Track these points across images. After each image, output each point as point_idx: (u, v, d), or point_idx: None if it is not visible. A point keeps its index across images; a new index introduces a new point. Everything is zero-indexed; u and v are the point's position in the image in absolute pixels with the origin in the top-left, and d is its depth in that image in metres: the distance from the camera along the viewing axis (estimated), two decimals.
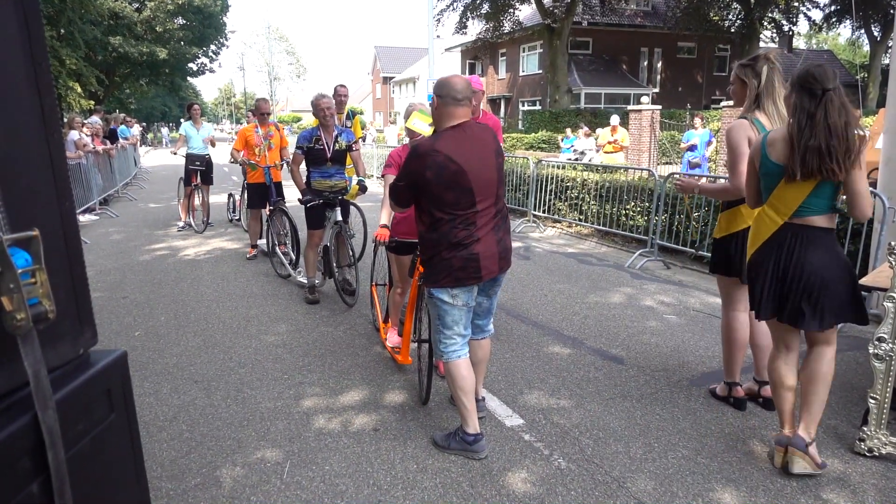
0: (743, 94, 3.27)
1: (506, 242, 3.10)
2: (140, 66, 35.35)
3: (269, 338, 4.79)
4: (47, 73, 1.08)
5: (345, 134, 5.63)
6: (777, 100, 3.16)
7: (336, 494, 2.79)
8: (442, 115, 2.95)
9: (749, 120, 3.17)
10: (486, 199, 2.95)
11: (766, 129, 3.10)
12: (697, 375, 4.09)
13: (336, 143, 5.53)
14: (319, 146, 5.48)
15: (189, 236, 9.06)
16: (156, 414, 3.55)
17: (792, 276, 2.79)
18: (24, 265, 0.94)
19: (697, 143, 12.44)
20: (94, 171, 11.30)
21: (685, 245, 7.15)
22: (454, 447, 3.12)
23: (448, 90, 2.91)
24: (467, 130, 2.93)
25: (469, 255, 2.92)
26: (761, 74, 3.16)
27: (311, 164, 5.57)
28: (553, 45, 26.83)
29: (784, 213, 2.78)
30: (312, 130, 5.55)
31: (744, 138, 3.11)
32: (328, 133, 5.50)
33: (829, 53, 42.70)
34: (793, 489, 2.81)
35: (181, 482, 2.88)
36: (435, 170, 2.82)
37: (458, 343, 3.11)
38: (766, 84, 3.16)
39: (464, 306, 3.04)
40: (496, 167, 3.00)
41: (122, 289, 6.16)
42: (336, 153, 5.55)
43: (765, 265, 2.86)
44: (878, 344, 2.99)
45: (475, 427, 3.08)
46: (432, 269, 3.00)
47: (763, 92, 3.17)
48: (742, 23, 28.91)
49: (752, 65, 3.19)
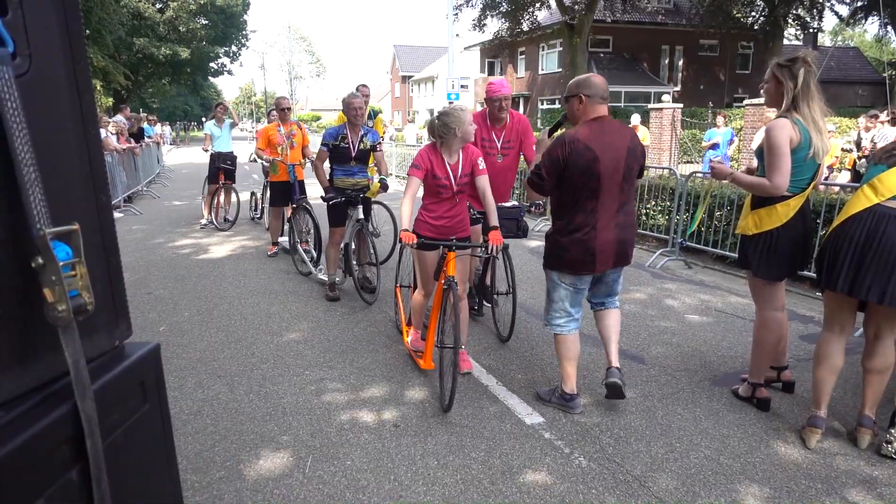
0: (777, 94, 3.24)
1: (626, 238, 3.36)
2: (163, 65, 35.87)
3: (290, 334, 4.84)
4: (86, 69, 1.10)
5: (371, 134, 5.64)
6: (811, 103, 3.14)
7: (358, 489, 2.82)
8: (587, 110, 3.31)
9: (790, 119, 3.14)
10: (610, 191, 3.24)
11: (807, 129, 3.10)
12: (720, 376, 4.05)
13: (361, 142, 5.55)
14: (345, 144, 5.50)
15: (211, 234, 9.16)
16: (180, 408, 3.60)
17: (874, 252, 2.85)
18: (65, 258, 0.97)
19: (720, 142, 12.29)
20: (118, 169, 11.47)
21: (707, 245, 7.08)
22: (554, 402, 3.61)
23: (595, 90, 3.31)
24: (605, 125, 3.29)
25: (586, 245, 3.27)
26: (798, 77, 3.13)
27: (335, 161, 5.60)
28: (573, 43, 26.65)
29: (883, 194, 2.87)
30: (339, 128, 5.57)
31: (787, 138, 3.10)
32: (354, 132, 5.52)
33: (856, 51, 41.91)
34: (817, 490, 2.78)
35: (206, 475, 2.93)
36: (574, 156, 3.17)
37: (564, 319, 3.50)
38: (802, 86, 3.13)
39: (570, 286, 3.45)
40: (625, 164, 3.25)
41: (147, 285, 6.26)
42: (360, 152, 5.57)
43: (847, 238, 2.92)
44: None
45: (572, 388, 3.53)
46: (550, 252, 3.44)
47: (799, 94, 3.14)
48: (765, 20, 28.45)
49: (790, 66, 3.16)
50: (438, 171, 3.77)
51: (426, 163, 3.76)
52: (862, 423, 3.13)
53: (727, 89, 33.82)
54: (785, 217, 3.22)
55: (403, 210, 3.66)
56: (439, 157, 3.78)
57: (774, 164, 3.13)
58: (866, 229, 2.87)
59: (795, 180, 3.16)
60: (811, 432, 3.13)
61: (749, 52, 33.84)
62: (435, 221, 3.89)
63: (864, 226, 2.88)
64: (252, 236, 8.98)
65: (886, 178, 2.85)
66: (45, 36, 1.01)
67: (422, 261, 4.00)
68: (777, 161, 3.12)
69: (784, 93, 3.18)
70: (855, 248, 2.88)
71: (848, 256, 2.90)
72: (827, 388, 3.11)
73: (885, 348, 3.04)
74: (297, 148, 7.36)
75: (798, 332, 4.80)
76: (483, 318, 5.21)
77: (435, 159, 3.78)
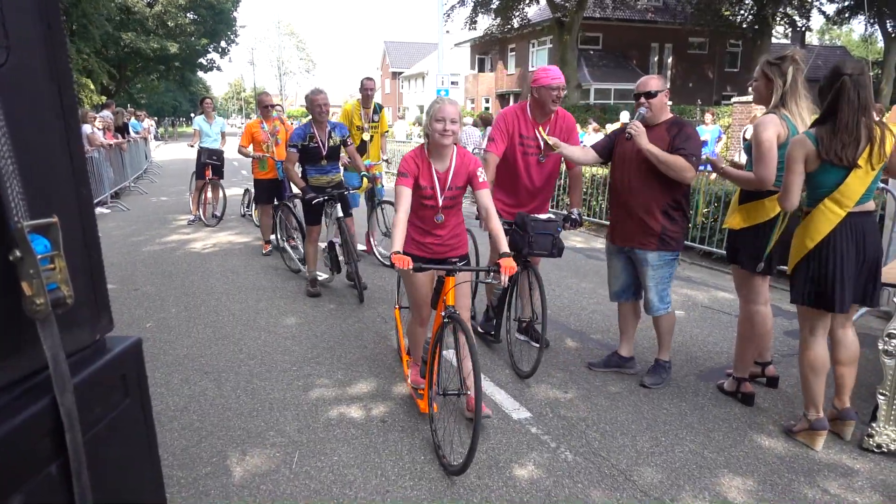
0: (766, 91, 3.30)
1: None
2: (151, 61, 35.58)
3: (278, 330, 4.83)
4: (66, 62, 1.10)
5: (338, 129, 5.56)
6: (799, 100, 3.21)
7: (344, 484, 2.82)
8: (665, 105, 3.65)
9: (779, 116, 3.19)
10: None
11: (795, 126, 3.16)
12: (705, 371, 4.09)
13: (330, 138, 5.46)
14: (314, 144, 5.39)
15: (199, 230, 9.12)
16: (167, 404, 3.59)
17: (862, 261, 2.92)
18: (44, 251, 0.97)
19: (708, 140, 12.37)
20: (105, 164, 11.38)
21: (694, 241, 7.13)
22: (612, 364, 4.04)
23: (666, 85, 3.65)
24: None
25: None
26: (787, 74, 3.19)
27: (307, 161, 5.52)
28: (563, 40, 26.69)
29: (847, 205, 2.88)
30: (305, 128, 5.45)
31: (774, 134, 3.15)
32: (322, 130, 5.43)
33: (843, 50, 42.27)
34: (800, 483, 2.82)
35: (192, 471, 2.92)
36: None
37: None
38: (790, 84, 3.20)
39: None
40: None
41: (133, 281, 6.22)
42: (331, 149, 5.50)
43: (836, 257, 2.91)
44: (887, 340, 3.00)
45: (629, 352, 4.04)
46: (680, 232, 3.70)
47: (787, 91, 3.20)
48: (754, 18, 28.62)
49: (780, 64, 3.22)
50: (423, 180, 3.21)
51: (413, 168, 3.19)
52: (845, 416, 3.18)
53: (716, 87, 34.02)
54: (772, 212, 3.29)
55: (395, 228, 3.02)
56: (426, 162, 3.22)
57: (760, 159, 3.18)
58: (854, 242, 2.90)
59: (782, 175, 3.20)
60: (819, 435, 3.12)
61: (738, 51, 34.04)
62: (422, 238, 3.34)
63: (851, 239, 2.90)
64: (240, 232, 8.94)
65: (846, 189, 2.85)
66: (23, 27, 1.00)
67: (411, 283, 3.38)
68: (763, 156, 3.16)
69: (773, 90, 3.24)
70: (846, 265, 2.91)
71: (841, 274, 2.91)
72: (822, 389, 3.13)
73: (850, 340, 3.15)
74: (282, 145, 7.28)
75: (783, 327, 4.85)
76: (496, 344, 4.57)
77: (422, 164, 3.22)
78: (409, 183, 3.16)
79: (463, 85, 41.44)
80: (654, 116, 3.62)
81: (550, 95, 3.94)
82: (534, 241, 3.71)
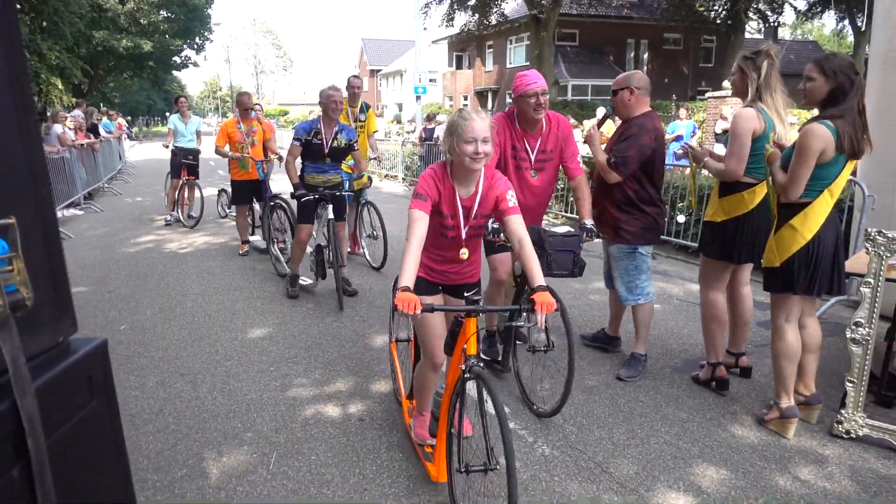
0: (742, 85, 3.37)
1: None
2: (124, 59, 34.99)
3: (255, 330, 4.79)
4: (22, 58, 1.08)
5: (345, 132, 5.37)
6: (774, 94, 3.29)
7: (322, 483, 2.81)
8: (638, 102, 3.68)
9: (756, 109, 3.26)
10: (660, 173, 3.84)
11: (772, 120, 3.24)
12: (680, 363, 4.15)
13: (335, 139, 5.29)
14: (318, 140, 5.24)
15: (175, 230, 9.01)
16: (142, 407, 3.54)
17: (836, 250, 3.04)
18: (2, 253, 0.95)
19: (683, 134, 12.50)
20: (77, 165, 11.18)
21: (669, 235, 7.21)
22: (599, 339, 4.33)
23: (642, 83, 3.69)
24: (655, 115, 3.77)
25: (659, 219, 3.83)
26: (761, 69, 3.27)
27: (307, 157, 5.36)
28: (540, 36, 26.78)
29: (836, 195, 3.00)
30: (312, 122, 5.31)
31: (750, 128, 3.23)
32: (329, 128, 5.26)
33: (814, 44, 42.99)
34: (771, 470, 2.87)
35: (167, 473, 2.89)
36: (657, 142, 3.67)
37: (650, 286, 3.91)
38: (765, 78, 3.27)
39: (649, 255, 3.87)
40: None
41: (107, 283, 6.13)
42: (334, 150, 5.33)
43: (825, 245, 3.00)
44: (855, 329, 3.06)
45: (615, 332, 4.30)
46: (645, 227, 3.74)
47: (762, 85, 3.28)
48: (727, 14, 28.99)
49: (754, 58, 3.29)
50: (445, 207, 2.66)
51: (433, 192, 2.62)
52: (812, 401, 3.30)
53: (691, 82, 34.41)
54: (751, 204, 3.40)
55: (405, 259, 2.42)
56: (449, 186, 2.65)
57: (732, 150, 3.29)
58: (836, 232, 3.04)
59: (761, 167, 3.27)
60: (790, 423, 3.18)
61: (712, 46, 34.46)
62: (437, 266, 2.84)
63: (832, 229, 3.03)
64: (217, 233, 8.85)
65: (840, 180, 2.96)
66: None
67: (419, 324, 2.79)
68: (736, 148, 3.27)
69: (748, 83, 3.31)
70: (828, 253, 3.01)
71: (827, 262, 3.01)
72: (794, 375, 3.22)
73: (816, 328, 3.27)
74: (259, 146, 7.21)
75: (755, 318, 4.92)
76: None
77: (444, 188, 2.65)
78: (427, 207, 2.57)
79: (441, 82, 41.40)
80: (621, 113, 3.74)
81: (529, 104, 3.53)
82: (553, 260, 3.25)
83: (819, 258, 3.00)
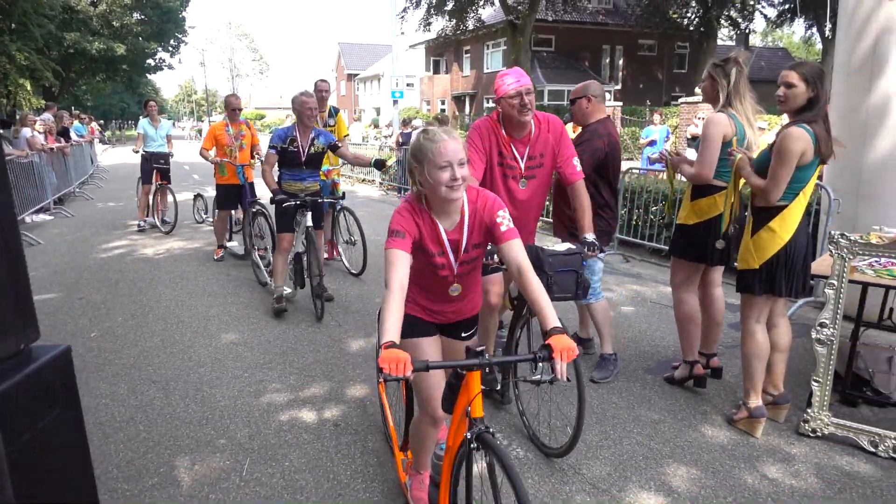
0: (713, 91, 3.45)
1: None
2: (96, 61, 34.43)
3: (229, 336, 4.75)
4: None
5: (322, 136, 5.23)
6: (743, 101, 3.38)
7: (296, 490, 2.80)
8: (594, 109, 3.84)
9: (727, 114, 3.35)
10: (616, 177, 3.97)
11: (742, 125, 3.33)
12: (653, 364, 4.20)
13: (312, 145, 5.16)
14: (294, 148, 5.10)
15: (149, 236, 8.89)
16: (112, 415, 3.49)
17: (808, 251, 3.14)
18: None
19: (657, 139, 12.68)
20: (47, 169, 10.98)
21: (643, 238, 7.31)
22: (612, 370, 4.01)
23: (598, 91, 3.87)
24: (610, 122, 3.90)
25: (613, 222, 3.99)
26: (730, 75, 3.35)
27: (284, 165, 5.23)
28: (516, 42, 26.98)
29: (808, 196, 3.09)
30: (288, 129, 5.16)
31: (720, 133, 3.32)
32: (305, 134, 5.12)
33: (784, 51, 43.88)
34: (740, 469, 2.93)
35: (138, 482, 2.85)
36: (611, 147, 3.77)
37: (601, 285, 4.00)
38: (734, 85, 3.35)
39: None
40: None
41: (78, 289, 6.02)
42: (311, 156, 5.20)
43: (798, 247, 3.09)
44: (820, 329, 3.14)
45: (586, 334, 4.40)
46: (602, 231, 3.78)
47: (732, 91, 3.36)
48: (700, 21, 29.51)
49: (724, 65, 3.38)
50: (430, 244, 2.26)
51: (411, 228, 2.20)
52: (780, 400, 3.37)
53: (665, 88, 34.90)
54: (723, 207, 3.46)
55: (387, 311, 1.97)
56: (429, 221, 2.24)
57: (701, 154, 3.38)
58: (807, 234, 3.13)
59: (726, 171, 3.35)
60: (759, 423, 3.25)
61: (685, 52, 35.02)
62: (434, 305, 2.45)
63: (805, 231, 3.13)
64: (192, 238, 8.75)
65: (811, 182, 3.05)
66: None
67: (418, 378, 2.34)
68: (705, 152, 3.36)
69: (719, 90, 3.40)
70: (802, 254, 3.10)
71: (799, 263, 3.10)
72: (763, 374, 3.30)
73: (785, 328, 3.36)
74: (247, 149, 7.13)
75: (727, 320, 5.00)
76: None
77: (423, 223, 2.23)
78: (406, 245, 2.15)
79: (418, 86, 41.49)
80: (579, 120, 3.94)
81: (513, 106, 3.15)
82: (553, 283, 2.91)
83: (795, 259, 3.08)
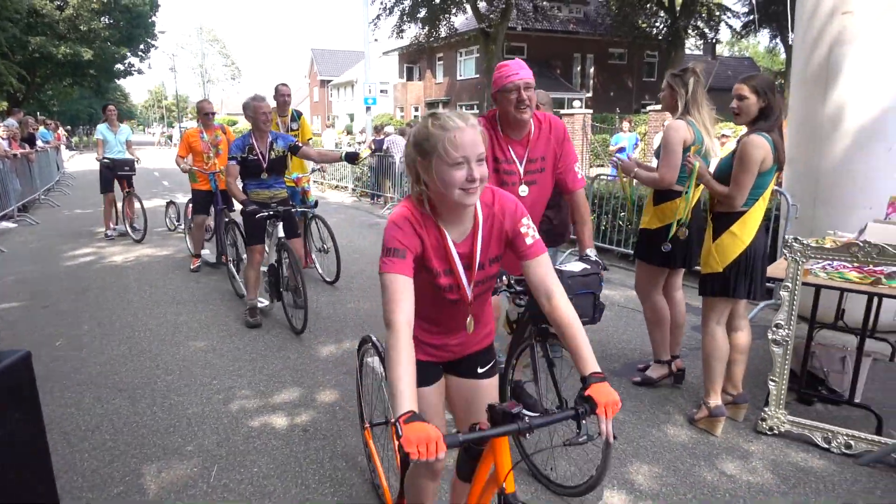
0: (672, 100, 3.59)
1: None
2: (63, 66, 33.75)
3: (198, 343, 4.72)
4: None
5: (280, 139, 5.09)
6: (700, 109, 3.52)
7: (264, 495, 2.81)
8: None
9: (686, 122, 3.48)
10: None
11: (700, 132, 3.46)
12: (619, 367, 4.29)
13: (272, 150, 5.01)
14: (253, 156, 4.94)
15: (117, 243, 8.75)
16: (77, 424, 3.45)
17: (765, 254, 3.28)
18: None
19: (626, 146, 12.91)
20: (11, 176, 10.75)
21: (611, 244, 7.43)
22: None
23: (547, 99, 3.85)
24: None
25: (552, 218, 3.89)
26: (689, 85, 3.49)
27: (247, 175, 5.04)
28: (489, 49, 27.20)
29: (766, 201, 3.22)
30: (244, 138, 4.97)
31: (680, 139, 3.45)
32: (262, 141, 4.98)
33: (750, 60, 44.97)
34: (700, 467, 3.01)
35: (103, 491, 2.83)
36: None
37: None
38: (692, 94, 3.49)
39: None
40: None
41: (44, 297, 5.92)
42: (273, 162, 5.04)
43: (757, 251, 3.20)
44: (775, 330, 3.25)
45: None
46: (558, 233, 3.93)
47: (690, 100, 3.50)
48: (668, 30, 30.10)
49: (682, 76, 3.52)
50: (434, 261, 1.79)
51: (413, 242, 1.73)
52: (739, 400, 3.48)
53: (635, 96, 35.51)
54: (684, 211, 3.54)
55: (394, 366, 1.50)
56: (434, 231, 1.78)
57: (664, 160, 3.50)
58: (764, 238, 3.26)
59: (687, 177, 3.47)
60: (719, 421, 3.34)
61: (655, 61, 35.68)
62: (435, 339, 1.96)
63: (763, 236, 3.25)
64: (161, 245, 8.65)
65: (769, 188, 3.18)
66: None
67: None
68: (668, 157, 3.48)
69: (678, 99, 3.53)
70: (760, 257, 3.22)
71: (758, 266, 3.22)
72: (723, 374, 3.41)
73: (745, 330, 3.46)
74: (224, 155, 6.91)
75: (690, 322, 5.13)
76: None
77: (427, 234, 1.77)
78: (408, 268, 1.67)
79: (392, 93, 41.52)
80: None
81: (510, 101, 2.80)
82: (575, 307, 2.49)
83: (754, 263, 3.20)
